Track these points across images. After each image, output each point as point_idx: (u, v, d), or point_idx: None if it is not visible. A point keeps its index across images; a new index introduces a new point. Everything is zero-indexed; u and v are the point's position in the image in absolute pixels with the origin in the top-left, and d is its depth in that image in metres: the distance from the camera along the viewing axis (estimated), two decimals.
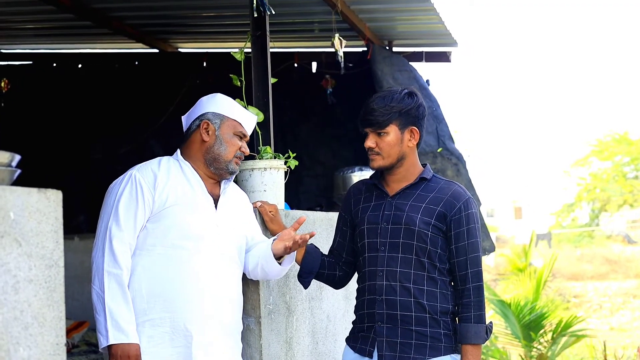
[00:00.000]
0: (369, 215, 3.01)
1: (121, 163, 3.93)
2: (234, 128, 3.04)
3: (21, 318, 1.83)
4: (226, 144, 3.01)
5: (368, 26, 6.03)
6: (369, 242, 2.99)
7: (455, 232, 2.93)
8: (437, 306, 2.93)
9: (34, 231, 1.88)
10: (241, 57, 3.66)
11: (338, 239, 3.19)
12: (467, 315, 2.93)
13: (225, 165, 3.02)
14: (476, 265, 2.95)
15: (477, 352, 2.93)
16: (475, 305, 2.93)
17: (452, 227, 2.93)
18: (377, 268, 2.95)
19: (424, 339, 2.91)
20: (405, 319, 2.91)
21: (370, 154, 2.97)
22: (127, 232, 2.83)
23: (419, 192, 2.98)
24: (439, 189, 2.98)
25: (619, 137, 32.11)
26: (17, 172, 2.10)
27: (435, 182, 3.02)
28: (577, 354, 10.77)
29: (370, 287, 2.97)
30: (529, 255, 15.02)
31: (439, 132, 6.14)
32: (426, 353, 2.91)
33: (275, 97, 4.16)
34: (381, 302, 2.94)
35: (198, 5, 5.87)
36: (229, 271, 2.99)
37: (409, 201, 2.96)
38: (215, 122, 3.02)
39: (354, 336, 3.06)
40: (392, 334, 2.92)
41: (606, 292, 19.11)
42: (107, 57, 7.40)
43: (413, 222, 2.92)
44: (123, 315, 2.77)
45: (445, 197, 2.95)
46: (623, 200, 31.71)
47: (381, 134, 2.93)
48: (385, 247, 2.95)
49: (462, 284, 2.94)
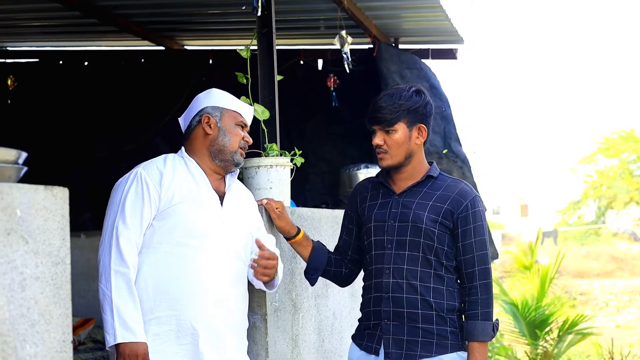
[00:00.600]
0: (376, 213, 3.01)
1: (127, 161, 3.92)
2: (234, 118, 3.05)
3: (28, 315, 1.84)
4: (230, 135, 3.02)
5: (374, 23, 6.02)
6: (375, 240, 2.99)
7: (462, 230, 2.93)
8: (444, 303, 2.93)
9: (40, 228, 1.88)
10: (247, 54, 3.66)
11: (344, 237, 3.19)
12: (474, 312, 2.93)
13: (231, 156, 3.02)
14: (484, 263, 2.95)
15: (484, 350, 2.93)
16: (483, 303, 2.94)
17: (459, 224, 2.93)
18: (384, 266, 2.96)
19: (431, 337, 2.92)
20: (412, 317, 2.91)
21: (379, 152, 2.98)
22: (133, 230, 2.83)
23: (426, 190, 2.98)
24: (446, 186, 2.99)
25: (625, 135, 32.03)
26: (24, 170, 2.10)
27: (442, 180, 3.02)
28: (583, 351, 10.76)
29: (377, 284, 2.97)
30: (535, 252, 15.00)
31: (447, 133, 6.11)
32: (433, 350, 2.91)
33: (281, 95, 4.16)
34: (388, 300, 2.94)
35: (204, 2, 5.87)
36: (234, 268, 2.99)
37: (416, 199, 2.97)
38: (215, 115, 3.03)
39: (360, 334, 3.06)
40: (399, 331, 2.92)
41: (612, 290, 19.08)
42: (113, 54, 7.41)
43: (420, 220, 2.92)
44: (130, 313, 2.76)
45: (452, 195, 2.95)
46: (629, 198, 31.63)
47: (389, 132, 2.94)
48: (392, 245, 2.95)
49: (469, 281, 2.95)
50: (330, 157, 6.99)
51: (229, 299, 2.95)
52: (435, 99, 6.20)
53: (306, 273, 3.21)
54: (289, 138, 6.59)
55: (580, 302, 17.86)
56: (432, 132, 3.07)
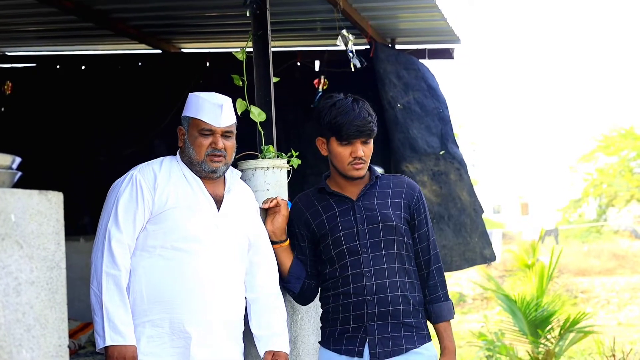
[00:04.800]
0: (342, 222, 3.06)
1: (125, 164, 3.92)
2: (197, 127, 2.99)
3: (23, 320, 1.84)
4: (193, 146, 2.98)
5: (370, 24, 6.02)
6: (348, 247, 3.04)
7: (418, 220, 3.10)
8: (417, 296, 3.08)
9: (35, 233, 1.88)
10: (243, 56, 3.66)
11: (298, 256, 3.18)
12: (436, 295, 3.11)
13: (200, 166, 2.99)
14: (435, 248, 3.14)
15: (451, 327, 3.13)
16: (441, 285, 3.13)
17: (415, 215, 3.10)
18: (363, 269, 3.02)
19: (411, 330, 3.04)
20: (395, 314, 3.01)
21: (358, 163, 3.04)
22: (126, 233, 2.84)
23: (379, 190, 3.10)
24: (394, 183, 3.13)
25: (624, 132, 31.99)
26: (18, 175, 2.10)
27: (385, 178, 3.16)
28: (584, 349, 10.75)
29: (358, 288, 3.02)
30: (536, 251, 14.99)
31: (444, 134, 6.08)
32: (415, 342, 3.03)
33: (278, 96, 4.16)
34: (372, 302, 3.00)
35: (200, 5, 5.87)
36: (229, 272, 2.99)
37: (374, 200, 3.07)
38: (184, 125, 3.03)
39: (334, 339, 3.09)
40: (383, 330, 3.01)
41: (614, 288, 19.06)
42: (110, 58, 7.41)
43: (389, 218, 3.03)
44: (120, 316, 2.78)
45: (403, 189, 3.11)
46: (630, 195, 31.60)
47: (367, 142, 3.05)
48: (367, 249, 3.03)
49: (427, 267, 3.11)
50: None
51: (223, 303, 2.95)
52: (433, 100, 6.18)
53: (287, 283, 3.20)
54: (287, 139, 6.59)
55: (582, 300, 17.84)
56: (429, 133, 3.13)
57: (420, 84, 6.25)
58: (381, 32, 6.29)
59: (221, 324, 2.95)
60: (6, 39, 6.97)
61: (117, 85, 7.31)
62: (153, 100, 7.18)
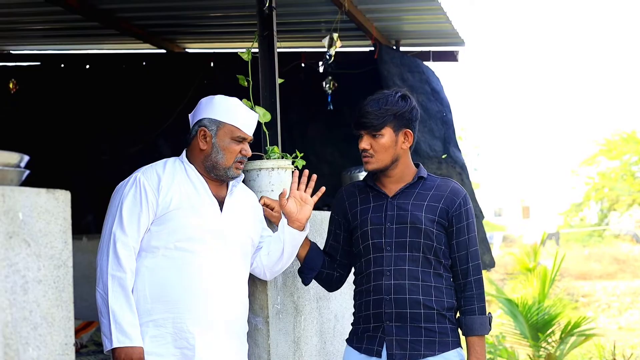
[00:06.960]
0: (372, 216, 3.03)
1: (129, 163, 3.92)
2: (231, 133, 2.99)
3: (30, 318, 1.84)
4: (223, 152, 2.98)
5: (375, 26, 6.02)
6: (373, 243, 3.01)
7: (457, 227, 3.00)
8: (444, 302, 2.98)
9: (42, 231, 1.89)
10: (248, 57, 3.67)
11: (331, 242, 3.21)
12: (470, 307, 3.00)
13: (224, 172, 3.00)
14: (476, 259, 3.03)
15: (483, 343, 3.00)
16: (478, 298, 3.01)
17: (453, 222, 3.00)
18: (384, 268, 2.98)
19: (433, 335, 2.95)
20: (415, 317, 2.94)
21: (364, 156, 3.02)
22: (130, 236, 2.86)
23: (418, 191, 3.04)
24: (437, 186, 3.05)
25: (626, 136, 31.96)
26: (26, 173, 2.11)
27: (431, 180, 3.09)
28: (585, 353, 10.74)
29: (377, 287, 2.99)
30: (537, 254, 14.97)
31: (446, 137, 6.07)
32: (436, 349, 2.95)
33: (282, 97, 4.16)
34: (390, 302, 2.96)
35: (205, 5, 5.88)
36: (232, 273, 3.00)
37: (410, 200, 3.01)
38: (212, 129, 2.98)
39: (357, 337, 3.07)
40: (402, 332, 2.95)
41: (614, 292, 19.05)
42: (115, 57, 7.41)
43: (419, 221, 2.96)
44: (126, 318, 2.79)
45: (445, 194, 3.02)
46: (632, 200, 31.57)
47: (376, 136, 2.99)
48: (391, 247, 2.98)
49: (464, 277, 3.01)
50: (332, 159, 6.99)
51: (227, 303, 2.96)
52: (437, 104, 6.18)
53: (300, 272, 3.24)
54: (291, 140, 6.59)
55: (583, 304, 17.83)
56: (432, 136, 3.11)
57: (424, 87, 6.25)
58: (386, 34, 6.30)
59: (224, 324, 2.95)
60: (11, 37, 6.98)
61: (121, 84, 7.32)
62: (157, 100, 7.19)
